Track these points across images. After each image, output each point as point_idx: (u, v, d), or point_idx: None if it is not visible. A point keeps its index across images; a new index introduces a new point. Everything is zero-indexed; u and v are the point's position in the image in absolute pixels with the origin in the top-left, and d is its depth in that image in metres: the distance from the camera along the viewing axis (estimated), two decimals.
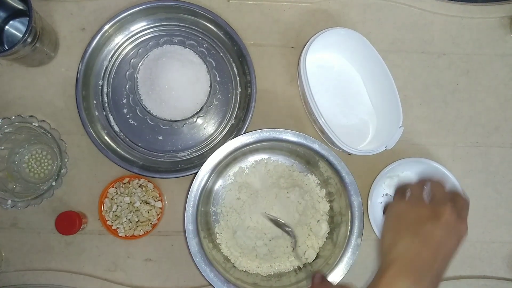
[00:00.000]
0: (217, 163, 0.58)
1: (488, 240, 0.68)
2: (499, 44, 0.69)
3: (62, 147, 0.61)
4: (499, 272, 0.67)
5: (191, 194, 0.57)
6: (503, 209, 0.68)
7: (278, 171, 0.65)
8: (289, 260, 0.62)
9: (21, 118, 0.61)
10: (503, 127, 0.69)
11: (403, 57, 0.69)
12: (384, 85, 0.62)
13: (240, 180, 0.64)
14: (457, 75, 0.69)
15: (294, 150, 0.63)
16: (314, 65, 0.65)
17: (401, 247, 0.42)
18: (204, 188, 0.58)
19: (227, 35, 0.65)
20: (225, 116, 0.66)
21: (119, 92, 0.65)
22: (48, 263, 0.64)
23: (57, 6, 0.66)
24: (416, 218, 0.43)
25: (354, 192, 0.57)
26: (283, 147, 0.63)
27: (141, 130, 0.65)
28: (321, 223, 0.62)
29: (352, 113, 0.66)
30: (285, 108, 0.67)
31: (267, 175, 0.64)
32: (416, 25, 0.69)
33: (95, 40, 0.63)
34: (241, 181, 0.64)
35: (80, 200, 0.65)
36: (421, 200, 0.45)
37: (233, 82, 0.66)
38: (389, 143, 0.59)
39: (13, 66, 0.65)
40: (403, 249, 0.42)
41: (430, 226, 0.42)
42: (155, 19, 0.65)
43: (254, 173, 0.64)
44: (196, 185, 0.57)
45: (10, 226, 0.64)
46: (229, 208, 0.63)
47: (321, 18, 0.68)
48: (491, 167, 0.68)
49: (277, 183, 0.63)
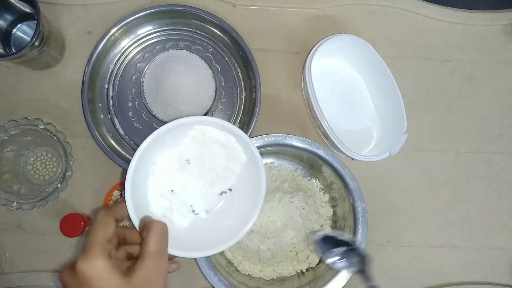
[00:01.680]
0: None
1: (491, 246, 0.68)
2: (503, 51, 0.70)
3: (67, 149, 0.62)
4: (501, 279, 0.67)
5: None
6: (505, 215, 0.68)
7: (281, 175, 0.65)
8: (292, 264, 0.62)
9: (27, 121, 0.61)
10: (506, 134, 0.69)
11: (407, 64, 0.69)
12: (388, 91, 0.62)
13: None
14: (461, 82, 0.69)
15: (298, 155, 0.63)
16: (318, 70, 0.65)
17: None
18: None
19: (232, 40, 0.65)
20: (229, 121, 0.66)
21: (125, 96, 0.65)
22: (52, 265, 0.65)
23: (63, 10, 0.67)
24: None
25: (358, 197, 0.57)
26: (287, 152, 0.64)
27: (146, 134, 0.64)
28: (324, 228, 0.62)
29: (356, 119, 0.66)
30: (289, 113, 0.67)
31: (271, 179, 0.65)
32: (420, 31, 0.69)
33: (102, 44, 0.63)
34: None
35: (85, 202, 0.65)
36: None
37: (238, 86, 0.67)
38: (393, 149, 0.60)
39: (20, 69, 0.66)
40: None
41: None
42: (161, 23, 0.66)
43: None
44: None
45: (15, 227, 0.65)
46: None
47: (325, 24, 0.69)
48: (494, 174, 0.68)
49: (280, 187, 0.64)
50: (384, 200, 0.67)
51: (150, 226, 0.38)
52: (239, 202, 0.49)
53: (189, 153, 0.49)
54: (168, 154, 0.48)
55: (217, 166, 0.49)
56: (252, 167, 0.48)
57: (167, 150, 0.48)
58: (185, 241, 0.46)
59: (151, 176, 0.47)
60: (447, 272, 0.67)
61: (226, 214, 0.49)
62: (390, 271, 0.67)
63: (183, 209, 0.48)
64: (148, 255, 0.36)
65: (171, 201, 0.48)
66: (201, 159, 0.49)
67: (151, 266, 0.35)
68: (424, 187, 0.68)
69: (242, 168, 0.49)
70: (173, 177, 0.48)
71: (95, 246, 0.34)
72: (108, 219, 0.38)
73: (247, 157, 0.48)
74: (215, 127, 0.47)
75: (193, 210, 0.49)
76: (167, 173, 0.48)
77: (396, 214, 0.67)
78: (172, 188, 0.48)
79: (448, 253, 0.67)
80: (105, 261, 0.33)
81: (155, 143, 0.45)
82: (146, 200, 0.47)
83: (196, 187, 0.49)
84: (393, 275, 0.67)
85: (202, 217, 0.49)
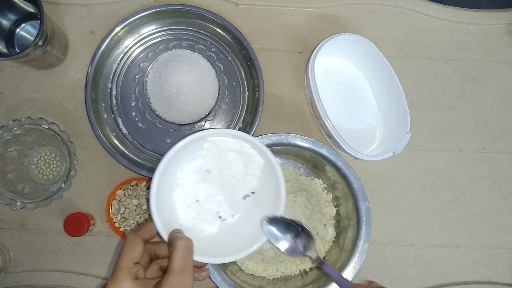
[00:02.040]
0: None
1: (494, 246, 0.68)
2: (506, 51, 0.70)
3: (71, 149, 0.62)
4: (505, 278, 0.67)
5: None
6: (508, 215, 0.68)
7: (285, 175, 0.65)
8: (295, 264, 0.62)
9: (31, 120, 0.61)
10: (509, 133, 0.69)
11: (410, 63, 0.69)
12: (391, 91, 0.62)
13: None
14: (464, 81, 0.69)
15: (301, 154, 0.63)
16: (322, 70, 0.65)
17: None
18: None
19: (235, 39, 0.65)
20: (232, 120, 0.66)
21: (128, 95, 0.66)
22: (55, 264, 0.65)
23: (67, 10, 0.67)
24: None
25: (362, 197, 0.57)
26: (290, 151, 0.64)
27: (149, 133, 0.65)
28: (327, 227, 0.63)
29: (359, 118, 0.66)
30: (292, 112, 0.67)
31: None
32: (423, 31, 0.69)
33: (105, 43, 0.63)
34: None
35: (88, 202, 0.65)
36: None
37: (241, 86, 0.67)
38: (397, 148, 0.60)
39: (23, 68, 0.66)
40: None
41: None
42: (164, 23, 0.66)
43: None
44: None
45: (19, 227, 0.65)
46: None
47: (328, 23, 0.69)
48: (497, 173, 0.68)
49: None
50: (387, 200, 0.67)
51: (174, 244, 0.40)
52: (262, 204, 0.50)
53: (208, 163, 0.50)
54: (189, 168, 0.50)
55: (236, 172, 0.50)
56: (269, 169, 0.49)
57: (187, 163, 0.49)
58: (215, 247, 0.48)
59: (176, 190, 0.49)
60: (450, 272, 0.67)
61: (251, 216, 0.50)
62: (393, 270, 0.67)
63: (210, 217, 0.50)
64: (172, 272, 0.38)
65: (198, 211, 0.50)
66: (220, 168, 0.51)
67: (175, 283, 0.37)
68: (427, 187, 0.68)
69: (261, 171, 0.50)
70: (196, 188, 0.50)
71: (121, 270, 0.37)
72: (136, 241, 0.40)
73: (264, 161, 0.49)
74: (228, 136, 0.49)
75: (220, 216, 0.50)
76: (190, 185, 0.50)
77: (399, 214, 0.67)
78: (197, 199, 0.50)
79: (451, 253, 0.67)
80: (130, 283, 0.37)
81: (173, 160, 0.47)
82: (174, 213, 0.48)
83: (219, 194, 0.51)
84: (396, 274, 0.67)
85: (229, 222, 0.50)
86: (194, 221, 0.49)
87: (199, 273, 0.44)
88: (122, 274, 0.37)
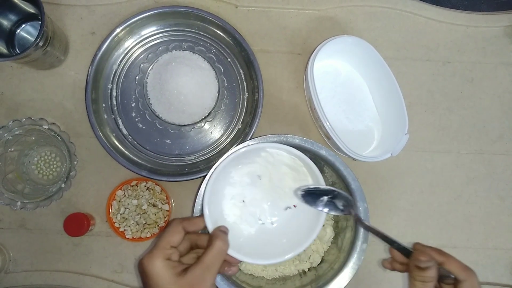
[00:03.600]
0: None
1: (491, 246, 0.68)
2: (504, 53, 0.70)
3: (71, 149, 0.62)
4: (502, 279, 0.68)
5: (199, 197, 0.58)
6: (506, 216, 0.69)
7: None
8: (294, 264, 0.63)
9: (31, 121, 0.62)
10: (507, 135, 0.69)
11: (408, 65, 0.69)
12: (390, 92, 0.63)
13: None
14: (462, 83, 0.70)
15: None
16: (320, 71, 0.66)
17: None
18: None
19: (235, 41, 0.66)
20: (232, 121, 0.67)
21: (128, 96, 0.66)
22: (55, 264, 0.65)
23: (67, 10, 0.67)
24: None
25: (360, 197, 0.57)
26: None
27: (149, 134, 0.66)
28: (326, 227, 0.63)
29: (357, 120, 0.67)
30: (291, 113, 0.68)
31: None
32: (422, 33, 0.70)
33: (105, 44, 0.64)
34: None
35: (88, 202, 0.65)
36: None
37: (240, 87, 0.67)
38: (395, 150, 0.60)
39: (24, 69, 0.66)
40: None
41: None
42: (164, 24, 0.66)
43: None
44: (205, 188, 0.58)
45: (19, 227, 0.65)
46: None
47: (327, 25, 0.69)
48: (495, 175, 0.69)
49: None
50: (385, 201, 0.68)
51: (213, 243, 0.43)
52: (301, 218, 0.53)
53: (260, 170, 0.54)
54: (243, 170, 0.54)
55: (284, 185, 0.54)
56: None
57: (242, 166, 0.54)
58: (250, 248, 0.50)
59: (228, 188, 0.53)
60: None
61: (289, 227, 0.53)
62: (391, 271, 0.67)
63: (251, 219, 0.53)
64: (200, 264, 0.41)
65: (242, 211, 0.53)
66: (270, 177, 0.54)
67: (199, 274, 0.41)
68: (425, 188, 0.68)
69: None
70: (245, 189, 0.54)
71: (157, 249, 0.41)
72: (177, 228, 0.44)
73: (313, 182, 0.52)
74: (286, 152, 0.52)
75: (260, 220, 0.54)
76: (240, 186, 0.54)
77: (397, 214, 0.68)
78: (243, 199, 0.54)
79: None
80: (162, 261, 0.40)
81: (232, 162, 0.51)
82: (220, 208, 0.52)
83: (264, 200, 0.54)
84: (394, 275, 0.67)
85: (268, 228, 0.54)
86: (237, 218, 0.53)
87: (229, 267, 0.47)
88: (157, 252, 0.41)
